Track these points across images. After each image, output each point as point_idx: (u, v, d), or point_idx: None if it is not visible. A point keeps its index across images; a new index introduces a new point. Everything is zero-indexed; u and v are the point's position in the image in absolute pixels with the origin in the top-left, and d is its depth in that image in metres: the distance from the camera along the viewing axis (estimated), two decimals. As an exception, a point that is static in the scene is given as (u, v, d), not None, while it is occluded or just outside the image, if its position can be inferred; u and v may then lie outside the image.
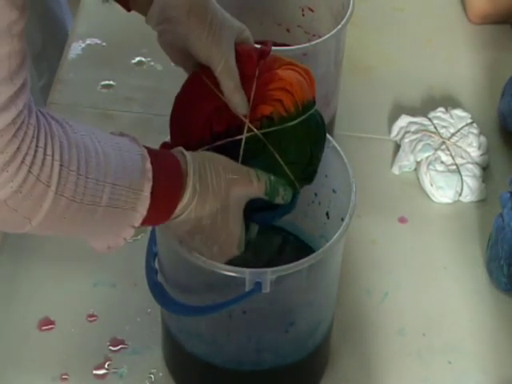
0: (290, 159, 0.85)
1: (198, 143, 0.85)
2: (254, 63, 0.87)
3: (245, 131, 0.85)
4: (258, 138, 0.85)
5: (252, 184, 0.82)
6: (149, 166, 0.76)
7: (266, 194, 0.84)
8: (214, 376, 0.96)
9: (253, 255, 0.91)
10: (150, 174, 0.76)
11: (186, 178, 0.79)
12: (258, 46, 0.89)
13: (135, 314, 1.06)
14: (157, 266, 0.91)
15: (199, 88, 0.86)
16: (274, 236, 1.05)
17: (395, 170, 1.24)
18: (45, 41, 1.64)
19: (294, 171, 0.86)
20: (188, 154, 0.81)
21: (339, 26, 1.10)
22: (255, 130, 0.84)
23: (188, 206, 0.79)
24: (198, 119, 0.85)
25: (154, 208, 0.77)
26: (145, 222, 0.78)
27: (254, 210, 0.85)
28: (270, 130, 0.85)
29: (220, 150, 0.84)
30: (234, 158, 0.84)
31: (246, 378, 0.96)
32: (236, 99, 0.85)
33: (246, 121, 0.85)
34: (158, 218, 0.79)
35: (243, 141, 0.84)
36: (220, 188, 0.80)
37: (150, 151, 0.78)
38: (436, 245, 1.16)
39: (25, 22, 0.63)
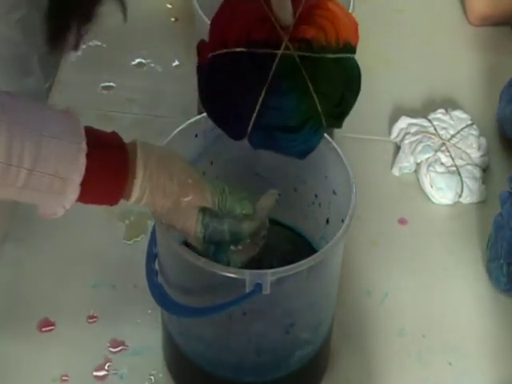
0: (321, 89, 0.84)
1: (234, 45, 0.84)
2: None
3: (282, 47, 0.83)
4: (293, 59, 0.84)
5: (203, 195, 0.82)
6: (83, 159, 0.76)
7: (218, 208, 0.83)
8: (214, 377, 0.96)
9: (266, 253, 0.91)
10: (82, 167, 0.76)
11: (134, 180, 0.79)
12: None
13: (135, 315, 1.06)
14: (157, 267, 0.91)
15: None
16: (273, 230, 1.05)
17: (395, 172, 1.24)
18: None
19: (322, 103, 0.85)
20: (141, 153, 0.80)
21: (339, 28, 1.09)
22: (292, 49, 0.84)
23: (139, 202, 0.81)
24: (239, 22, 0.84)
25: (91, 195, 0.78)
26: (88, 201, 0.79)
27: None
28: (307, 54, 0.84)
29: (252, 60, 0.83)
30: (265, 72, 0.83)
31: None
32: (282, 8, 0.83)
33: (286, 38, 0.83)
34: (101, 202, 0.80)
35: (278, 56, 0.83)
36: (171, 190, 0.81)
37: (95, 142, 0.78)
38: (436, 246, 1.16)
39: None
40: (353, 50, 0.86)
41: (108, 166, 0.79)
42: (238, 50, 0.84)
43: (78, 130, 0.78)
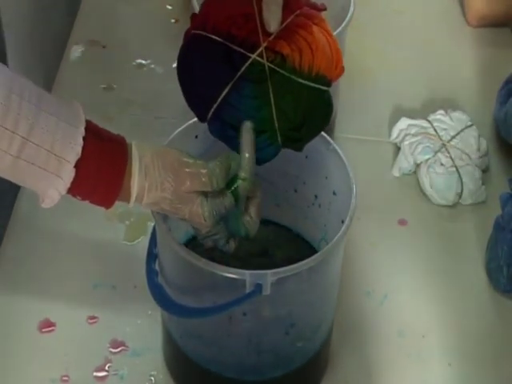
0: (281, 108, 0.84)
1: (212, 32, 0.83)
2: (301, 2, 0.86)
3: (257, 52, 0.83)
4: (263, 68, 0.83)
5: (200, 179, 0.82)
6: (80, 140, 0.76)
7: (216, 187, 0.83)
8: (214, 377, 0.96)
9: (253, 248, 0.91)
10: (79, 148, 0.76)
11: (130, 178, 0.79)
12: None
13: (135, 316, 1.06)
14: (157, 267, 0.91)
15: None
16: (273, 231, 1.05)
17: (395, 173, 1.25)
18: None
19: (280, 122, 0.84)
20: (136, 151, 0.80)
21: (339, 29, 1.10)
22: (265, 58, 0.83)
23: (140, 200, 0.81)
24: (225, 11, 0.84)
25: (87, 187, 0.78)
26: (85, 194, 0.79)
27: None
28: (278, 69, 0.83)
29: (225, 53, 0.83)
30: (233, 70, 0.83)
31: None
32: (271, 12, 0.83)
33: (263, 44, 0.83)
34: (98, 198, 0.80)
35: (250, 60, 0.83)
36: (168, 182, 0.80)
37: (95, 132, 0.79)
38: (435, 247, 1.16)
39: None
40: (326, 83, 0.85)
41: (106, 156, 0.79)
42: (215, 38, 0.84)
43: (78, 116, 0.78)
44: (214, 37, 0.83)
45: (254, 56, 0.83)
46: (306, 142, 0.87)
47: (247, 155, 0.84)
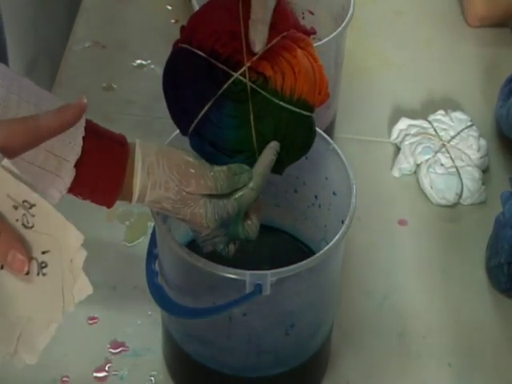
0: (261, 129, 0.83)
1: (197, 47, 0.83)
2: (289, 24, 0.85)
3: (240, 71, 0.82)
4: (245, 88, 0.83)
5: (205, 182, 0.82)
6: (80, 141, 0.76)
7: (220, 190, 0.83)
8: (214, 378, 0.96)
9: (252, 254, 0.91)
10: (79, 148, 0.76)
11: (133, 175, 0.79)
12: None
13: (136, 317, 1.06)
14: (157, 268, 0.91)
15: (230, 3, 0.85)
16: (274, 236, 1.05)
17: (395, 173, 1.25)
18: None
19: (260, 143, 0.84)
20: (140, 150, 0.80)
21: (339, 29, 1.10)
22: (248, 78, 0.83)
23: (143, 199, 0.80)
24: (211, 27, 0.84)
25: (88, 186, 0.78)
26: (86, 193, 0.79)
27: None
28: (260, 90, 0.83)
29: (209, 70, 0.83)
30: (215, 87, 0.82)
31: (246, 380, 0.97)
32: (258, 31, 0.83)
33: (247, 64, 0.82)
34: (102, 199, 0.80)
35: (232, 78, 0.82)
36: (173, 182, 0.80)
37: (95, 132, 0.79)
38: (436, 247, 1.16)
39: None
40: (308, 108, 0.84)
41: (106, 155, 0.79)
42: (199, 53, 0.83)
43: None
44: (198, 52, 0.83)
45: (236, 75, 0.83)
46: (286, 165, 0.87)
47: (262, 170, 0.84)
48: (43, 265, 0.61)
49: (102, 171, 0.78)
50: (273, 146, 0.84)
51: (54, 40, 1.67)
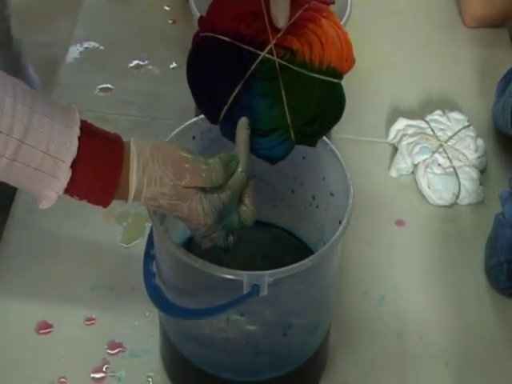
0: (293, 103, 0.84)
1: (221, 32, 0.83)
2: None
3: (266, 50, 0.83)
4: (274, 65, 0.83)
5: (199, 175, 0.82)
6: (75, 141, 0.76)
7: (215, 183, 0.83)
8: (211, 378, 0.96)
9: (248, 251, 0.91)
10: (74, 148, 0.76)
11: (129, 172, 0.79)
12: None
13: (133, 318, 1.06)
14: (154, 269, 0.91)
15: None
16: (271, 236, 1.05)
17: (393, 173, 1.25)
18: None
19: (293, 118, 0.84)
20: (134, 147, 0.80)
21: (336, 29, 1.10)
22: (275, 55, 0.83)
23: (139, 196, 0.80)
24: (232, 10, 0.84)
25: (84, 186, 0.78)
26: (82, 193, 0.79)
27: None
28: (289, 65, 0.83)
29: (235, 53, 0.83)
30: (244, 69, 0.83)
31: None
32: (279, 7, 0.83)
33: (273, 41, 0.83)
34: (98, 199, 0.80)
35: (259, 58, 0.83)
36: (168, 177, 0.80)
37: (90, 131, 0.79)
38: (433, 247, 1.16)
39: None
40: (338, 75, 0.85)
41: (102, 154, 0.79)
42: (224, 38, 0.84)
43: (73, 116, 0.78)
44: (222, 37, 0.84)
45: (263, 53, 0.83)
46: (319, 136, 0.87)
47: (244, 149, 0.84)
48: None
49: (97, 170, 0.78)
50: (243, 121, 0.84)
51: (52, 40, 1.67)
